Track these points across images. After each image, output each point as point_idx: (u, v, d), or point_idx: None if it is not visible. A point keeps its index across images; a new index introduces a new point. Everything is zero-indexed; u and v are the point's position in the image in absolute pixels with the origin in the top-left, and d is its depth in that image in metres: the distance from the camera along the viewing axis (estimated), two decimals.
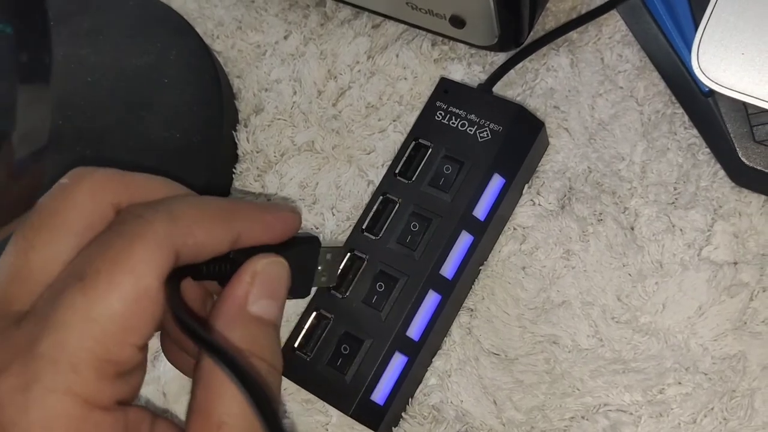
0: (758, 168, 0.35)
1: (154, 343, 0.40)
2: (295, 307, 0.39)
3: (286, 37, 0.46)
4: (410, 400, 0.36)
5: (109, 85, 0.44)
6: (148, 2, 0.46)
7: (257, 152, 0.43)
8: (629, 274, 0.36)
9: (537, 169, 0.39)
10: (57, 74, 0.43)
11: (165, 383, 0.39)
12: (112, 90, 0.43)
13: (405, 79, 0.43)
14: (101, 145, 0.42)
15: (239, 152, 0.44)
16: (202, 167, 0.42)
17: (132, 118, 0.43)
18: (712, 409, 0.33)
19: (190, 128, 0.42)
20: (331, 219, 0.41)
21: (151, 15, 0.46)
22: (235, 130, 0.44)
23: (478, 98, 0.38)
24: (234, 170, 0.43)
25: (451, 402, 0.36)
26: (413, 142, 0.38)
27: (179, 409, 0.39)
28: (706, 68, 0.32)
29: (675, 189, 0.37)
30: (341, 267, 0.36)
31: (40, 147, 0.20)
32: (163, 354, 0.40)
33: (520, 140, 0.38)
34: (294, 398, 0.38)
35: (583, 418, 0.35)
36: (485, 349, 0.37)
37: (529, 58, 0.41)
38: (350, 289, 0.35)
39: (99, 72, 0.44)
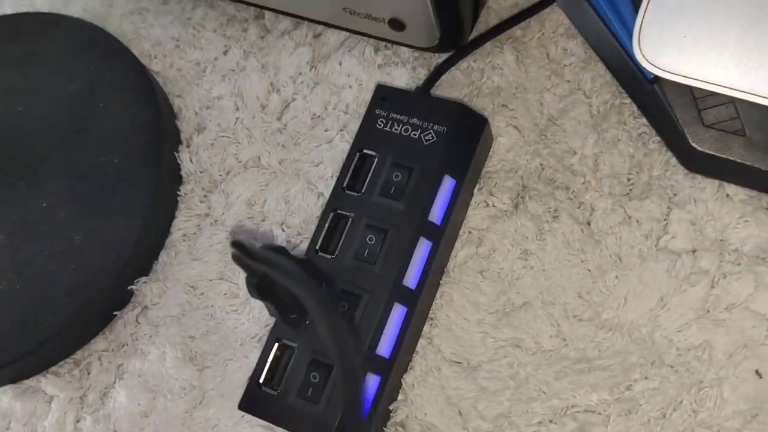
0: (709, 152, 0.34)
1: (100, 379, 0.39)
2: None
3: (225, 53, 0.45)
4: (384, 420, 0.35)
5: (41, 112, 0.42)
6: (79, 26, 0.45)
7: (201, 172, 0.42)
8: (588, 270, 0.36)
9: (488, 169, 0.38)
10: None
11: (116, 421, 0.37)
12: (45, 117, 0.42)
13: (350, 87, 0.42)
14: (37, 175, 0.40)
15: (183, 173, 0.42)
16: (144, 191, 0.40)
17: (68, 146, 0.41)
18: (681, 402, 0.33)
19: (130, 152, 0.41)
20: (282, 235, 0.39)
21: (82, 38, 0.44)
22: (177, 151, 0.42)
23: (417, 101, 0.38)
24: (179, 192, 0.42)
25: (416, 417, 0.35)
26: (358, 154, 0.37)
27: None
28: (649, 54, 0.32)
29: (628, 180, 0.36)
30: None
31: None
32: (112, 389, 0.38)
33: (466, 138, 0.37)
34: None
35: (551, 421, 0.33)
36: (447, 358, 0.35)
37: (473, 57, 0.41)
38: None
39: (30, 100, 0.42)
